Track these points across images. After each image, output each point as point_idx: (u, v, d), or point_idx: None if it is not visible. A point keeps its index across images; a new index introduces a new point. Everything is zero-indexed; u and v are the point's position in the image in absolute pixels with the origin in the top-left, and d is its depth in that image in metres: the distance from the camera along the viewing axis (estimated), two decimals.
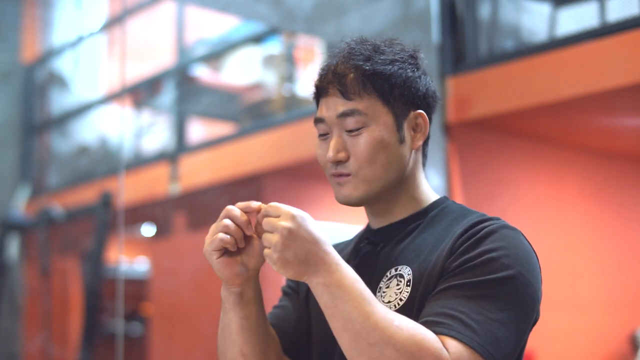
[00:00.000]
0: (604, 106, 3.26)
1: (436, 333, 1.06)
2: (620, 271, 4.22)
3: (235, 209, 1.15)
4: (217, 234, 1.14)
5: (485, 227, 1.17)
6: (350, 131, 1.22)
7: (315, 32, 3.87)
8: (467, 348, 1.05)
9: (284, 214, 1.09)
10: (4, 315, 5.19)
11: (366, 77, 1.22)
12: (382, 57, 1.23)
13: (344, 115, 1.22)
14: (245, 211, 1.15)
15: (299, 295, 1.36)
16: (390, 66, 1.23)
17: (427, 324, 1.08)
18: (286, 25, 3.91)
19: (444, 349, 1.04)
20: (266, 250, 1.09)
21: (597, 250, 4.15)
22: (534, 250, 1.19)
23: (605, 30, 2.93)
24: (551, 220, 3.90)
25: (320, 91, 1.27)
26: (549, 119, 3.45)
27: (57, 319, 5.28)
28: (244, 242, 1.16)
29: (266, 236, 1.09)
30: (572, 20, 3.45)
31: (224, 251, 1.16)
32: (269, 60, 5.10)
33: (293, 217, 1.08)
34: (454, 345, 1.05)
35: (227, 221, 1.15)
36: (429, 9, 3.31)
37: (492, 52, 3.51)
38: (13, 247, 5.19)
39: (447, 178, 3.26)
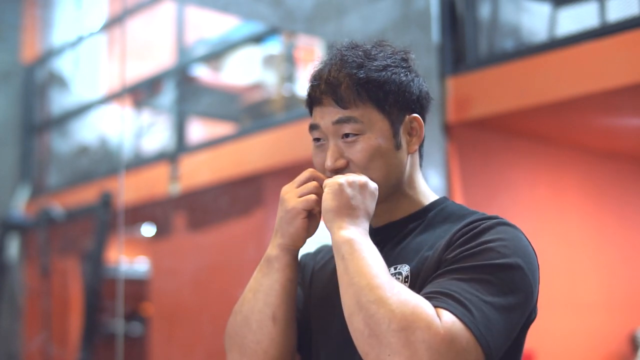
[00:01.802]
0: (604, 106, 3.26)
1: None
2: (620, 271, 4.22)
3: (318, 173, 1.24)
4: (309, 194, 1.21)
5: (484, 222, 1.17)
6: (347, 138, 1.22)
7: (315, 32, 3.87)
8: (460, 321, 1.04)
9: (368, 179, 1.19)
10: (4, 315, 5.19)
11: (360, 85, 1.21)
12: (374, 64, 1.23)
13: (339, 122, 1.22)
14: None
15: (305, 283, 1.37)
16: (384, 72, 1.23)
17: None
18: (286, 25, 3.91)
19: (437, 317, 1.03)
20: (336, 176, 1.18)
21: (597, 250, 4.15)
22: (533, 248, 1.19)
23: (605, 30, 2.93)
24: (551, 220, 3.90)
25: (314, 101, 1.26)
26: (549, 119, 3.45)
27: (57, 319, 5.28)
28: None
29: (348, 172, 1.20)
30: (572, 20, 3.45)
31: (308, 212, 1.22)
32: (269, 60, 5.10)
33: (373, 185, 1.19)
34: (447, 315, 1.04)
35: (313, 182, 1.22)
36: (429, 9, 3.31)
37: (492, 52, 3.51)
38: (13, 247, 5.19)
39: (447, 178, 3.26)
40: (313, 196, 1.20)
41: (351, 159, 1.23)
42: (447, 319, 1.03)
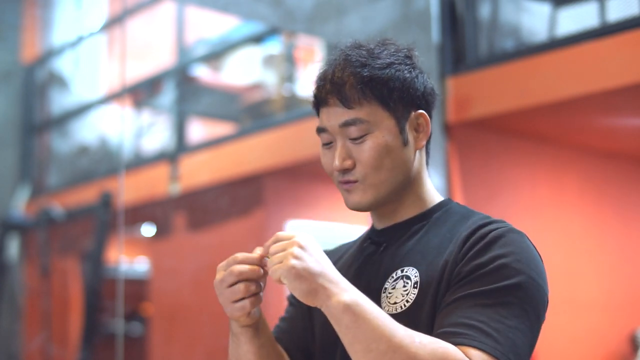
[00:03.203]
0: (604, 106, 3.26)
1: (457, 344, 1.06)
2: (620, 271, 4.22)
3: (240, 268, 1.12)
4: (236, 299, 1.12)
5: (492, 230, 1.17)
6: (354, 139, 1.23)
7: (315, 32, 3.87)
8: (490, 357, 1.06)
9: (296, 234, 1.09)
10: (4, 315, 5.19)
11: (364, 83, 1.22)
12: (378, 62, 1.23)
13: (346, 124, 1.22)
14: (249, 262, 1.13)
15: (303, 303, 1.36)
16: (387, 70, 1.23)
17: (446, 335, 1.08)
18: (286, 25, 3.91)
19: (467, 359, 1.04)
20: (276, 266, 1.06)
21: (597, 250, 4.15)
22: (538, 253, 1.20)
23: (605, 30, 2.93)
24: (551, 220, 3.90)
25: (320, 101, 1.26)
26: (549, 119, 3.45)
27: (57, 319, 5.28)
28: (259, 287, 1.15)
29: (277, 255, 1.07)
30: (572, 20, 3.45)
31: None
32: (269, 60, 5.10)
33: (307, 236, 1.09)
34: (477, 354, 1.05)
35: (240, 286, 1.12)
36: (429, 9, 3.31)
37: (492, 52, 3.51)
38: (13, 247, 5.19)
39: (447, 178, 3.26)
40: (240, 304, 1.13)
41: (359, 159, 1.23)
42: (478, 359, 1.05)
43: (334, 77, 1.23)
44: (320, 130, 1.26)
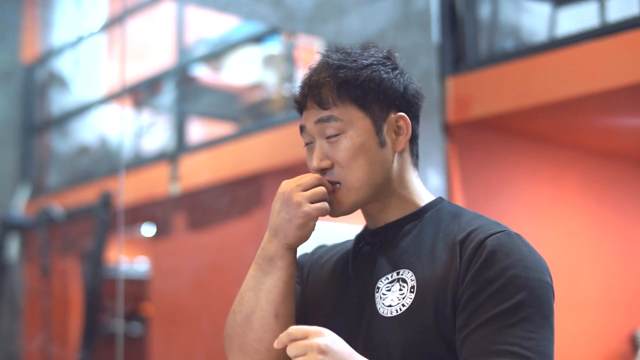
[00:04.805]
0: (604, 106, 3.26)
1: None
2: (620, 271, 4.22)
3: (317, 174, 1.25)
4: (320, 200, 1.22)
5: (490, 235, 1.17)
6: (330, 137, 1.24)
7: (315, 32, 3.87)
8: None
9: (312, 332, 1.06)
10: (4, 315, 5.19)
11: (339, 85, 1.24)
12: (355, 64, 1.25)
13: (321, 121, 1.25)
14: None
15: (302, 282, 1.38)
16: (364, 71, 1.24)
17: None
18: (286, 25, 3.91)
19: None
20: None
21: (597, 250, 4.15)
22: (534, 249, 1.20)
23: (605, 30, 2.93)
24: (551, 220, 3.90)
25: (300, 105, 1.30)
26: (549, 119, 3.45)
27: (57, 319, 5.28)
28: None
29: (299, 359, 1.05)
30: (572, 20, 3.45)
31: None
32: (269, 60, 5.10)
33: (324, 334, 1.06)
34: None
35: (322, 187, 1.23)
36: (429, 9, 3.31)
37: (492, 52, 3.50)
38: (13, 247, 5.19)
39: (447, 178, 3.25)
40: (326, 204, 1.22)
41: (335, 159, 1.25)
42: None
43: (312, 80, 1.26)
44: (301, 130, 1.30)
